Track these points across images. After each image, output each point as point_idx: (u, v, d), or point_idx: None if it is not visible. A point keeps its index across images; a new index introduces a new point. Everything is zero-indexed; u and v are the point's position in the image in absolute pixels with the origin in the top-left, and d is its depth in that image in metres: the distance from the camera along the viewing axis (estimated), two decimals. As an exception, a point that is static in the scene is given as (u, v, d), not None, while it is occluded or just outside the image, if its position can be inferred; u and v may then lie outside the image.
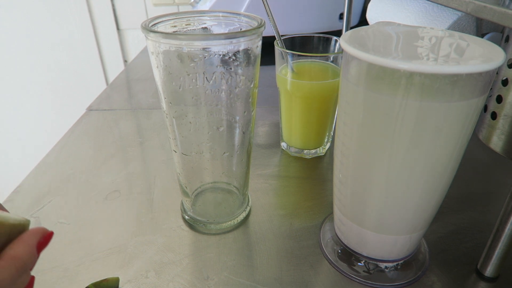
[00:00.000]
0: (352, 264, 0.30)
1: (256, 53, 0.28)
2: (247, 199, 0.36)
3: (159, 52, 0.26)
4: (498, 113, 0.25)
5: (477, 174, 0.41)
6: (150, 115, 0.55)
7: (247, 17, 0.29)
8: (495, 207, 0.36)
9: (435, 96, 0.20)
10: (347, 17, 0.54)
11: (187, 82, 0.27)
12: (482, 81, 0.21)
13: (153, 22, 0.28)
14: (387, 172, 0.24)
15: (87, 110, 0.57)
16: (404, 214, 0.26)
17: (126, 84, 0.68)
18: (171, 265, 0.30)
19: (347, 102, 0.24)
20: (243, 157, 0.33)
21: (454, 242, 0.32)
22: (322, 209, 0.36)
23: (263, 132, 0.51)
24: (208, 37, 0.26)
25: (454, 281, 0.28)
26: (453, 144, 0.23)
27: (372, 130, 0.23)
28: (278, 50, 0.40)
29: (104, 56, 1.10)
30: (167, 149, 0.46)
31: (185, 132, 0.30)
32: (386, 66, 0.20)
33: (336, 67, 0.41)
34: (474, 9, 0.24)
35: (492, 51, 0.21)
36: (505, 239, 0.26)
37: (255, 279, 0.29)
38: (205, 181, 0.35)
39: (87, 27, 1.04)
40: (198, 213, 0.34)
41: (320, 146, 0.45)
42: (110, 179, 0.41)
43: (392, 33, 0.24)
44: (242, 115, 0.30)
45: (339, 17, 0.75)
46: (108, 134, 0.50)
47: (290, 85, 0.40)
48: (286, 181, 0.41)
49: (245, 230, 0.34)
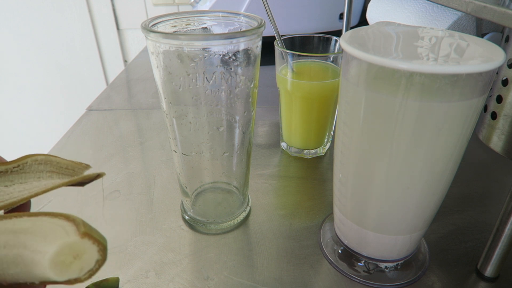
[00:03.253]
0: (352, 264, 0.30)
1: (256, 53, 0.28)
2: (247, 199, 0.36)
3: (159, 52, 0.26)
4: (498, 113, 0.25)
5: (477, 174, 0.41)
6: (150, 115, 0.55)
7: (247, 17, 0.29)
8: (495, 207, 0.36)
9: (435, 96, 0.20)
10: (347, 17, 0.54)
11: (187, 82, 0.27)
12: (482, 81, 0.21)
13: (153, 22, 0.28)
14: (387, 172, 0.24)
15: (87, 110, 0.57)
16: (404, 214, 0.26)
17: (126, 84, 0.68)
18: (171, 265, 0.30)
19: (347, 102, 0.24)
20: (243, 157, 0.33)
21: (454, 242, 0.32)
22: (322, 209, 0.36)
23: (263, 132, 0.51)
24: (208, 37, 0.26)
25: (454, 281, 0.28)
26: (453, 144, 0.23)
27: (372, 130, 0.23)
28: (278, 50, 0.40)
29: (104, 56, 1.10)
30: (167, 149, 0.46)
31: (185, 132, 0.30)
32: (386, 66, 0.20)
33: (336, 67, 0.41)
34: (474, 9, 0.24)
35: (492, 51, 0.21)
36: (505, 239, 0.26)
37: (255, 279, 0.29)
38: (205, 181, 0.35)
39: (87, 27, 1.04)
40: (198, 213, 0.34)
41: (320, 146, 0.45)
42: (110, 179, 0.41)
43: (392, 33, 0.24)
44: (242, 115, 0.30)
45: (339, 17, 0.75)
46: (108, 134, 0.50)
47: (290, 85, 0.40)
48: (286, 181, 0.41)
49: (245, 230, 0.34)
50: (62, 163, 0.22)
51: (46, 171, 0.22)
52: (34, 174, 0.22)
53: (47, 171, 0.22)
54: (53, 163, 0.22)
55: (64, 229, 0.15)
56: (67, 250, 0.15)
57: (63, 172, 0.22)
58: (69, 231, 0.15)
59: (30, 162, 0.21)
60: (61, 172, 0.22)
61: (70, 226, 0.15)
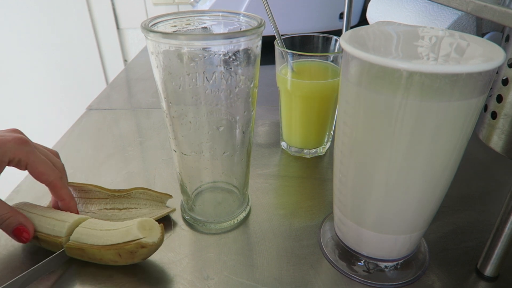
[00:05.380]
0: (352, 264, 0.30)
1: (256, 52, 0.28)
2: (247, 199, 0.36)
3: (159, 52, 0.26)
4: (498, 113, 0.25)
5: (477, 174, 0.41)
6: (150, 114, 0.55)
7: (247, 17, 0.29)
8: (495, 207, 0.36)
9: (435, 96, 0.20)
10: (347, 17, 0.54)
11: (187, 82, 0.27)
12: (482, 80, 0.21)
13: (153, 22, 0.28)
14: (387, 172, 0.24)
15: (87, 109, 0.57)
16: (404, 213, 0.26)
17: (126, 83, 0.68)
18: (171, 265, 0.30)
19: (347, 101, 0.24)
20: (243, 157, 0.33)
21: (454, 241, 0.32)
22: (322, 209, 0.36)
23: (263, 131, 0.51)
24: (208, 37, 0.26)
25: (454, 281, 0.28)
26: (453, 144, 0.23)
27: (372, 130, 0.23)
28: (278, 50, 0.40)
29: (104, 55, 1.10)
30: (167, 149, 0.46)
31: (185, 131, 0.30)
32: (386, 66, 0.20)
33: (336, 66, 0.41)
34: (474, 8, 0.24)
35: (492, 51, 0.21)
36: (505, 238, 0.26)
37: (255, 279, 0.29)
38: (205, 180, 0.35)
39: (87, 26, 1.04)
40: (198, 212, 0.34)
41: (320, 145, 0.45)
42: (110, 178, 0.41)
43: (392, 33, 0.24)
44: (242, 114, 0.30)
45: (339, 17, 0.75)
46: (108, 134, 0.50)
47: (290, 84, 0.40)
48: (286, 181, 0.41)
49: (245, 229, 0.34)
50: (153, 194, 0.35)
51: (143, 198, 0.35)
52: (135, 200, 0.35)
53: (144, 198, 0.35)
54: (148, 194, 0.35)
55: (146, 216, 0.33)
56: (146, 222, 0.29)
57: (154, 199, 0.35)
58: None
59: (134, 192, 0.35)
60: (152, 199, 0.35)
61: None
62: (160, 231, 0.29)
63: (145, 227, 0.28)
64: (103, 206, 0.34)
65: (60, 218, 0.30)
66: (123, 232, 0.28)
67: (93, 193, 0.35)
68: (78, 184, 0.35)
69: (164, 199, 0.36)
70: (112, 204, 0.34)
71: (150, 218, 0.30)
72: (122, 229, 0.28)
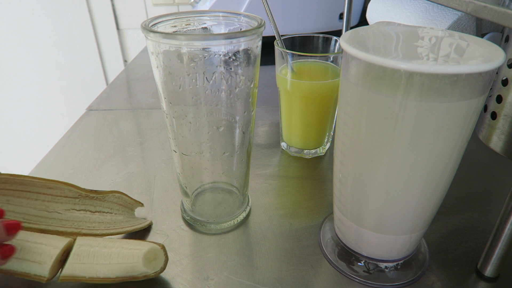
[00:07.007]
0: (352, 264, 0.30)
1: (256, 53, 0.28)
2: (247, 199, 0.36)
3: (159, 52, 0.26)
4: (498, 113, 0.25)
5: (477, 174, 0.41)
6: (150, 115, 0.55)
7: (247, 17, 0.29)
8: (495, 207, 0.36)
9: (435, 96, 0.20)
10: (347, 17, 0.54)
11: (187, 82, 0.27)
12: (482, 81, 0.21)
13: (153, 22, 0.28)
14: (387, 172, 0.24)
15: (87, 110, 0.57)
16: (404, 214, 0.26)
17: (126, 84, 0.68)
18: (171, 265, 0.30)
19: (347, 102, 0.24)
20: (243, 157, 0.33)
21: (454, 242, 0.32)
22: (322, 209, 0.36)
23: (263, 132, 0.51)
24: (208, 37, 0.26)
25: (454, 281, 0.28)
26: (453, 144, 0.23)
27: (372, 130, 0.23)
28: (278, 50, 0.40)
29: (104, 56, 1.10)
30: (167, 149, 0.46)
31: (185, 132, 0.30)
32: (386, 66, 0.20)
33: (336, 67, 0.41)
34: (474, 9, 0.24)
35: (492, 51, 0.21)
36: (505, 239, 0.26)
37: (255, 279, 0.29)
38: (205, 181, 0.35)
39: (87, 27, 1.04)
40: (198, 213, 0.34)
41: (320, 146, 0.45)
42: (110, 179, 0.41)
43: (392, 33, 0.24)
44: (242, 115, 0.30)
45: (339, 17, 0.75)
46: (108, 134, 0.50)
47: (290, 85, 0.40)
48: (286, 181, 0.41)
49: (245, 230, 0.34)
50: (127, 200, 0.33)
51: (116, 203, 0.32)
52: (108, 204, 0.32)
53: (117, 203, 0.33)
54: (122, 199, 0.33)
55: (151, 243, 0.28)
56: (150, 254, 0.27)
57: (126, 205, 0.33)
58: (153, 244, 0.28)
59: (110, 195, 0.32)
60: (125, 205, 0.33)
61: (153, 244, 0.28)
62: (164, 255, 0.28)
63: (150, 259, 0.27)
64: (71, 206, 0.30)
65: (34, 259, 0.26)
66: (127, 268, 0.26)
67: (58, 190, 0.30)
68: (21, 177, 0.29)
69: (134, 206, 0.34)
70: (83, 205, 0.31)
71: (150, 244, 0.28)
72: (126, 264, 0.26)
